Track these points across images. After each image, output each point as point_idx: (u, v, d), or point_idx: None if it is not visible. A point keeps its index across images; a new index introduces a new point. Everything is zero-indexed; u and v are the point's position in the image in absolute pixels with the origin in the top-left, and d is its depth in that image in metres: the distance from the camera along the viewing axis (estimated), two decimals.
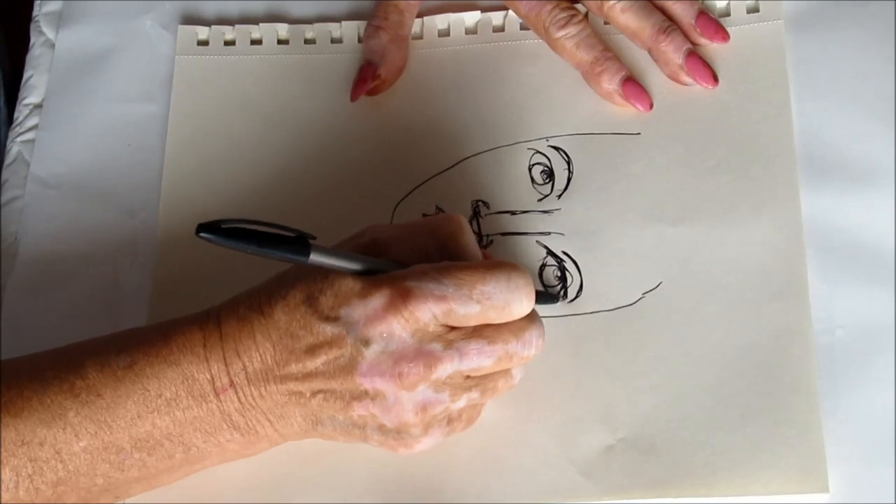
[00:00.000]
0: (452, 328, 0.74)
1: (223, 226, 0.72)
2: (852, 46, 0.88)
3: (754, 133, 0.86)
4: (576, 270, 0.84)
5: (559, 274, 0.84)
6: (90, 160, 0.91)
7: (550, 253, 0.85)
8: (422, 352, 0.73)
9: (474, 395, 0.75)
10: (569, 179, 0.87)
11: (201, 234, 0.72)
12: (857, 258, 0.82)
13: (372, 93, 0.91)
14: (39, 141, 0.92)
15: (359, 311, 0.73)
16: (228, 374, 0.75)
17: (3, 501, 0.73)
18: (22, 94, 0.95)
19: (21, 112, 0.94)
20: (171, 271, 0.87)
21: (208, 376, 0.75)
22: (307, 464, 0.80)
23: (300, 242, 0.73)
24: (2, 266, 0.88)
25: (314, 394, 0.75)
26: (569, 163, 0.87)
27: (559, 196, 0.86)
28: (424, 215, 0.87)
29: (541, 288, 0.83)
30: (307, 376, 0.74)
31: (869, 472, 0.77)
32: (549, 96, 0.89)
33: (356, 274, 0.74)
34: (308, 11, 0.95)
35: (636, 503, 0.78)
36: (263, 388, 0.75)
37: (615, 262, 0.84)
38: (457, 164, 0.88)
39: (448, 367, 0.73)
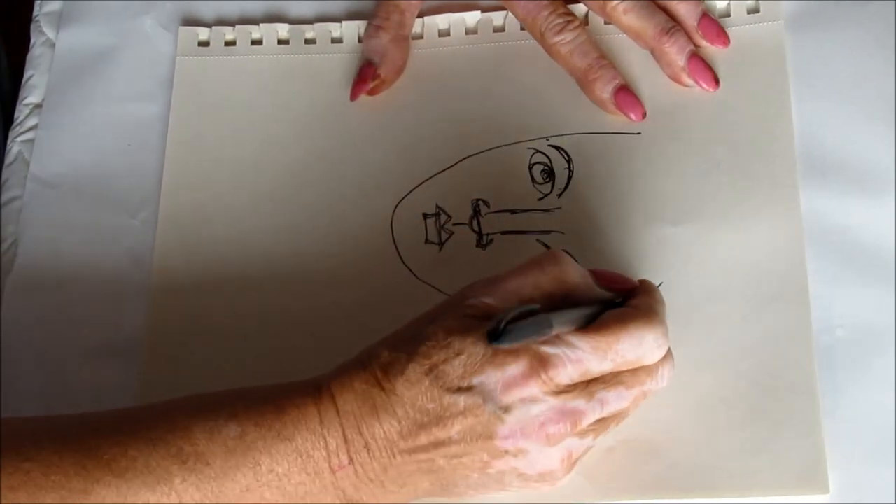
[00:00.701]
0: (590, 381, 0.73)
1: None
2: (852, 46, 0.88)
3: (754, 133, 0.86)
4: None
5: None
6: (90, 160, 0.91)
7: None
8: (566, 410, 0.72)
9: (611, 428, 0.75)
10: (569, 179, 0.87)
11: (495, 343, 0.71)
12: (857, 258, 0.82)
13: (372, 92, 0.90)
14: (39, 141, 0.92)
15: (494, 378, 0.71)
16: (348, 451, 0.72)
17: None
18: (22, 94, 0.95)
19: (21, 112, 0.94)
20: (170, 271, 0.87)
21: (324, 454, 0.73)
22: None
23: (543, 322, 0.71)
24: (1, 266, 0.88)
25: (448, 459, 0.73)
26: (569, 162, 0.87)
27: (559, 195, 0.86)
28: (424, 214, 0.87)
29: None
30: (439, 445, 0.72)
31: (869, 472, 0.77)
32: (550, 96, 0.89)
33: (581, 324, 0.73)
34: (308, 12, 0.95)
35: None
36: (388, 462, 0.73)
37: (615, 261, 0.84)
38: (457, 163, 0.88)
39: (591, 417, 0.73)
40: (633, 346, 0.73)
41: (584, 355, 0.72)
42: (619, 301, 0.76)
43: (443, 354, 0.72)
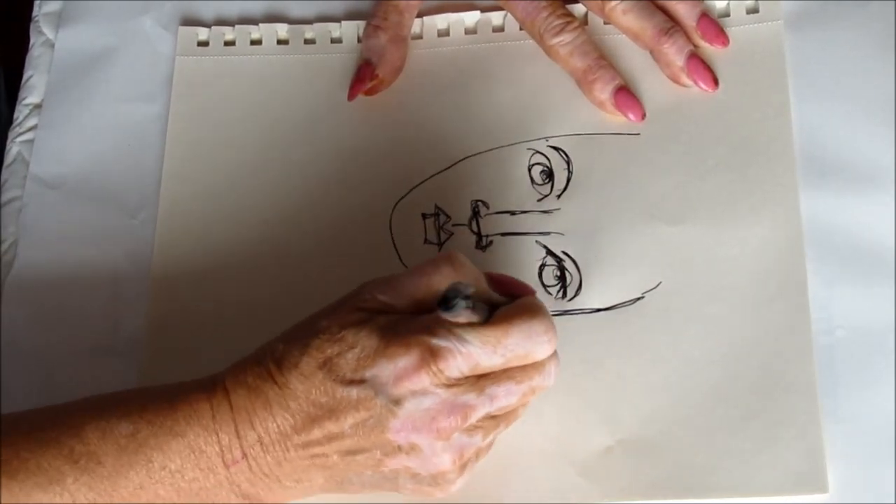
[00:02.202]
0: (480, 376, 0.73)
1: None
2: (852, 46, 0.88)
3: (754, 133, 0.86)
4: (575, 270, 0.84)
5: (558, 273, 0.84)
6: (90, 160, 0.91)
7: (550, 253, 0.85)
8: (457, 404, 0.72)
9: (500, 428, 0.75)
10: (568, 179, 0.87)
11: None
12: (857, 258, 0.82)
13: (370, 92, 0.90)
14: (39, 141, 0.92)
15: (386, 371, 0.72)
16: (241, 446, 0.73)
17: None
18: (22, 94, 0.95)
19: (21, 112, 0.94)
20: (170, 271, 0.87)
21: (217, 449, 0.73)
22: None
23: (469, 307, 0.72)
24: (1, 266, 0.88)
25: (342, 455, 0.73)
26: (568, 163, 0.87)
27: (559, 196, 0.86)
28: (423, 215, 0.87)
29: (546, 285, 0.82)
30: (332, 439, 0.73)
31: (869, 472, 0.77)
32: (549, 96, 0.89)
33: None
34: (308, 12, 0.95)
35: None
36: (282, 456, 0.73)
37: (615, 261, 0.84)
38: (456, 163, 0.88)
39: (481, 412, 0.73)
40: (521, 340, 0.73)
41: (473, 349, 0.72)
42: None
43: (336, 348, 0.72)
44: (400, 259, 0.86)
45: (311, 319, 0.74)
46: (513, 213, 0.86)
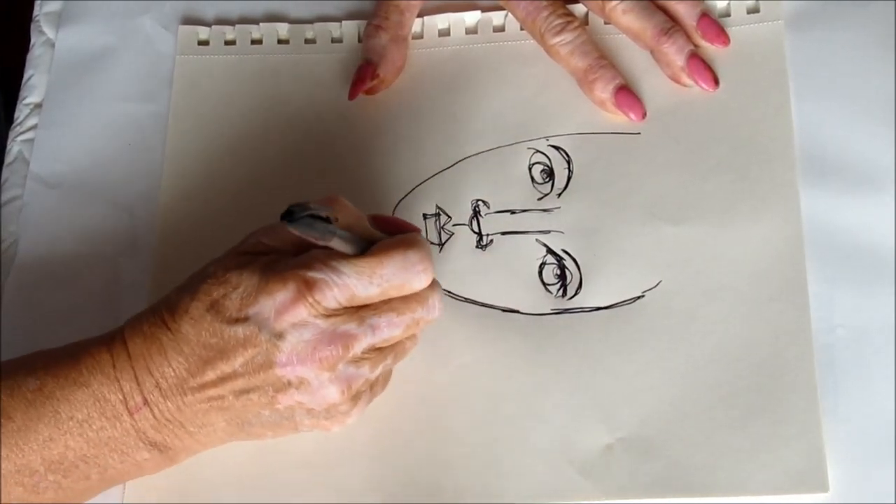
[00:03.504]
0: (360, 307, 0.75)
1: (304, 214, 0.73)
2: (852, 46, 0.88)
3: (754, 133, 0.86)
4: (575, 269, 0.84)
5: (559, 272, 0.84)
6: (90, 160, 0.91)
7: (550, 251, 0.85)
8: (337, 334, 0.74)
9: (388, 361, 0.77)
10: (569, 178, 0.87)
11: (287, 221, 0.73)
12: (857, 258, 0.82)
13: (370, 92, 0.91)
14: (39, 141, 0.92)
15: (267, 307, 0.74)
16: (142, 392, 0.75)
17: None
18: (22, 94, 0.95)
19: (21, 112, 0.94)
20: (170, 271, 0.87)
21: (120, 396, 0.75)
22: (307, 464, 0.80)
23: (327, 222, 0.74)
24: (1, 265, 0.88)
25: (236, 395, 0.75)
26: (569, 162, 0.87)
27: (559, 195, 0.86)
28: (424, 215, 0.87)
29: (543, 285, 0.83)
30: (225, 379, 0.75)
31: (869, 472, 0.77)
32: (549, 96, 0.89)
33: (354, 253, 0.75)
34: (308, 12, 0.95)
35: (635, 503, 0.78)
36: (181, 401, 0.75)
37: (615, 260, 0.84)
38: (457, 163, 0.88)
39: (364, 343, 0.75)
40: (396, 270, 0.75)
41: (349, 280, 0.74)
42: None
43: (221, 290, 0.75)
44: None
45: (201, 269, 0.77)
46: (513, 212, 0.86)
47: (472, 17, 0.92)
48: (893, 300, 0.81)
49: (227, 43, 0.94)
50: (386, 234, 0.78)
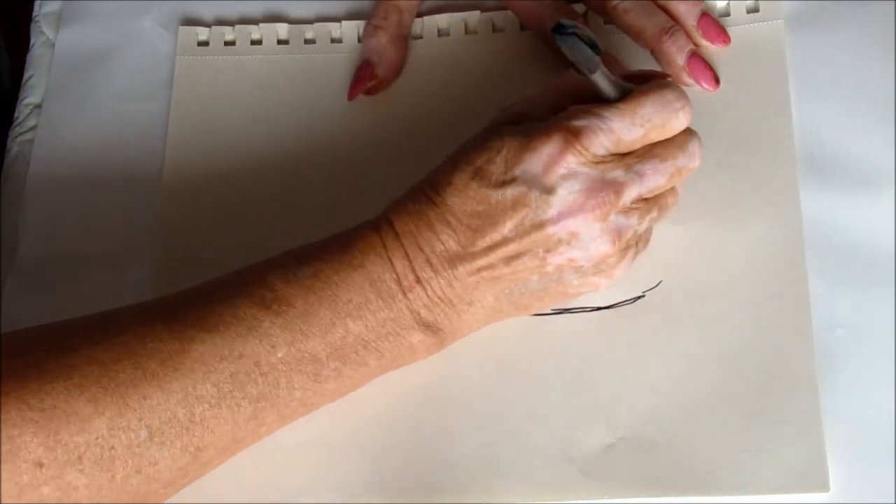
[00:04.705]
0: (625, 155, 0.76)
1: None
2: (852, 46, 0.88)
3: (754, 133, 0.86)
4: None
5: None
6: (90, 160, 0.91)
7: None
8: (607, 181, 0.75)
9: (654, 214, 0.78)
10: None
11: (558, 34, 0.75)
12: (857, 258, 0.82)
13: (370, 92, 0.91)
14: (39, 141, 0.92)
15: (534, 163, 0.75)
16: (413, 270, 0.76)
17: (207, 418, 0.74)
18: (22, 94, 0.95)
19: (21, 112, 0.94)
20: (171, 271, 0.87)
21: (394, 276, 0.76)
22: (307, 464, 0.80)
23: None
24: (1, 265, 0.88)
25: (506, 262, 0.76)
26: None
27: None
28: None
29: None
30: (496, 247, 0.76)
31: (869, 472, 0.77)
32: None
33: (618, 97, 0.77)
34: (308, 12, 0.95)
35: (636, 502, 0.78)
36: (452, 275, 0.76)
37: None
38: None
39: (633, 191, 0.76)
40: (657, 109, 0.76)
41: (612, 123, 0.75)
42: None
43: (485, 156, 0.76)
44: None
45: (457, 150, 0.78)
46: None
47: (472, 17, 0.92)
48: (893, 300, 0.81)
49: (227, 43, 0.94)
50: (636, 86, 0.78)
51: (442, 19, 0.93)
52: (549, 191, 0.75)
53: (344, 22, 0.94)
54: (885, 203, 0.84)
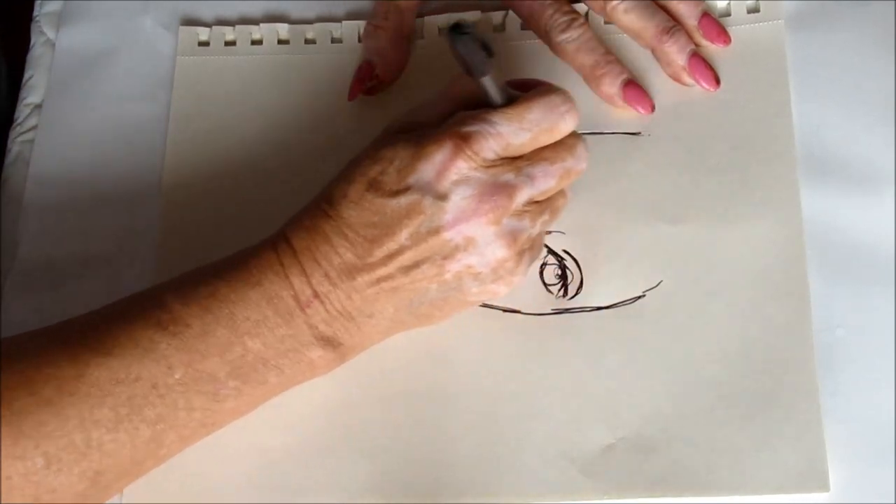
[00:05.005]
0: (515, 159, 0.76)
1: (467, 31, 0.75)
2: (852, 46, 0.88)
3: (754, 133, 0.86)
4: (576, 268, 0.84)
5: (560, 272, 0.84)
6: (90, 160, 0.91)
7: (551, 251, 0.85)
8: (498, 185, 0.76)
9: (546, 217, 0.79)
10: None
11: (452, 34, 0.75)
12: (857, 258, 0.82)
13: (370, 93, 0.91)
14: (39, 141, 0.92)
15: (427, 170, 0.75)
16: (311, 285, 0.76)
17: (104, 442, 0.73)
18: (22, 94, 0.95)
19: (21, 112, 0.94)
20: (171, 271, 0.86)
21: (292, 292, 0.76)
22: (307, 464, 0.80)
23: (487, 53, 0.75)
24: (1, 266, 0.88)
25: (405, 271, 0.76)
26: None
27: None
28: None
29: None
30: (393, 256, 0.76)
31: (869, 472, 0.77)
32: None
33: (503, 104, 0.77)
34: (308, 12, 0.95)
35: (636, 502, 0.78)
36: (351, 287, 0.76)
37: (616, 260, 0.84)
38: None
39: (525, 193, 0.76)
40: (544, 113, 0.77)
41: (501, 127, 0.76)
42: None
43: (378, 167, 0.76)
44: None
45: (351, 162, 0.79)
46: None
47: (471, 18, 0.92)
48: (893, 300, 0.81)
49: (228, 44, 0.94)
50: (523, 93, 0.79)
51: (442, 19, 0.93)
52: (442, 197, 0.75)
53: (344, 22, 0.94)
54: (885, 203, 0.84)
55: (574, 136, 0.79)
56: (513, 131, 0.76)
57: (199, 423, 0.76)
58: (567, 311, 0.83)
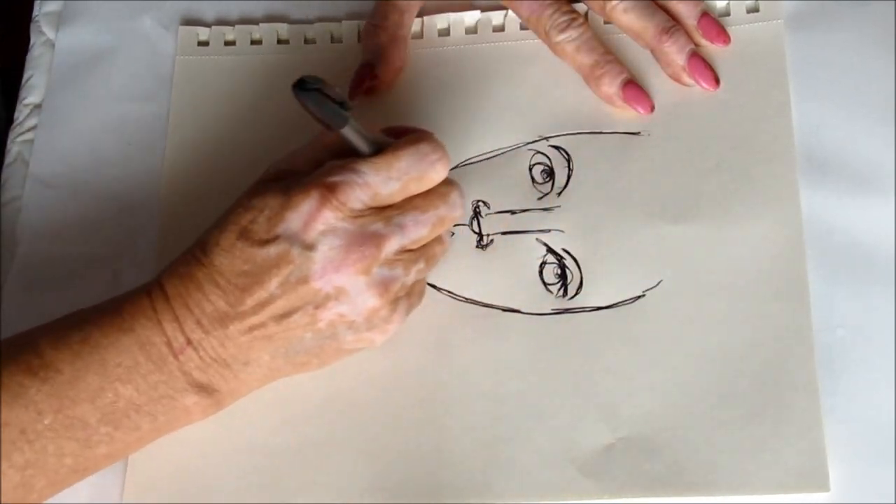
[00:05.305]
0: (385, 208, 0.76)
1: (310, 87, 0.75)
2: (852, 46, 0.88)
3: (754, 133, 0.86)
4: (576, 268, 0.84)
5: (559, 271, 0.84)
6: (90, 160, 0.91)
7: (550, 250, 0.85)
8: (366, 235, 0.76)
9: (420, 265, 0.78)
10: (568, 177, 0.87)
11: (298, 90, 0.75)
12: (857, 258, 0.82)
13: (370, 93, 0.90)
14: (39, 141, 0.92)
15: (294, 221, 0.75)
16: (183, 331, 0.76)
17: None
18: (22, 94, 0.95)
19: (21, 112, 0.94)
20: None
21: (164, 338, 0.76)
22: (307, 464, 0.80)
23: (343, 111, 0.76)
24: (1, 265, 0.88)
25: (277, 320, 0.76)
26: (569, 161, 0.87)
27: (559, 193, 0.86)
28: None
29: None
30: (264, 304, 0.76)
31: (869, 472, 0.77)
32: (550, 96, 0.89)
33: (369, 153, 0.77)
34: (308, 12, 0.95)
35: (637, 502, 0.78)
36: (223, 334, 0.76)
37: (615, 259, 0.84)
38: (457, 164, 0.88)
39: (394, 243, 0.76)
40: (413, 162, 0.77)
41: (368, 177, 0.76)
42: None
43: (248, 216, 0.76)
44: None
45: (227, 210, 0.78)
46: (513, 212, 0.86)
47: (472, 17, 0.92)
48: (893, 300, 0.81)
49: (227, 43, 0.94)
50: (394, 140, 0.79)
51: (442, 19, 0.93)
52: (309, 247, 0.75)
53: (344, 22, 0.94)
54: (885, 203, 0.84)
55: (448, 183, 0.79)
56: (381, 181, 0.76)
57: (70, 470, 0.76)
58: (567, 310, 0.83)
